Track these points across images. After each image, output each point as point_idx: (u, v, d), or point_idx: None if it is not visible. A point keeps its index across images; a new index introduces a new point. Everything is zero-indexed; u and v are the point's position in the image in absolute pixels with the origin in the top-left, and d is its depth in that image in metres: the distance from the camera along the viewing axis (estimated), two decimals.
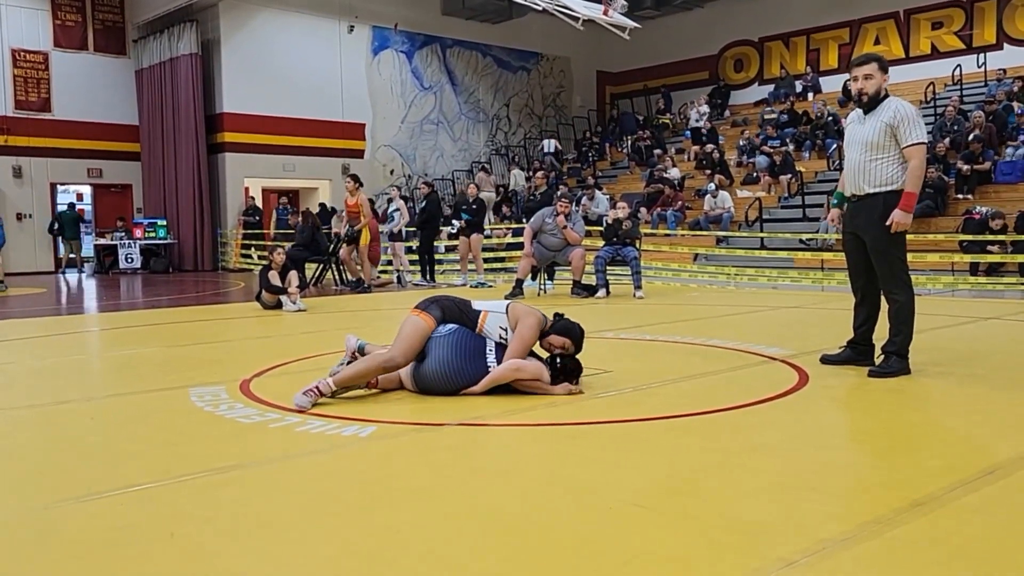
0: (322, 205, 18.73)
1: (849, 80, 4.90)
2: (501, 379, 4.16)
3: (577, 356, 4.35)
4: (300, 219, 13.92)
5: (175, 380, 4.92)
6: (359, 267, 12.24)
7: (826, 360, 5.08)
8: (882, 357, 4.81)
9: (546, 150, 22.09)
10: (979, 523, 2.46)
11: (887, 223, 4.62)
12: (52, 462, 3.28)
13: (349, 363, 4.39)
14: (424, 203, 13.49)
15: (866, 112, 4.75)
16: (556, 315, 4.44)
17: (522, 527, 2.47)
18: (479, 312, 4.34)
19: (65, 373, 5.59)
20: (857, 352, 4.99)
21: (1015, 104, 15.54)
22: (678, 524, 2.47)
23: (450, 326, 4.27)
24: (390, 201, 15.04)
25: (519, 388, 4.21)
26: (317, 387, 4.03)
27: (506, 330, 4.29)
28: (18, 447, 3.55)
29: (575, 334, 4.33)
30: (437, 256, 14.39)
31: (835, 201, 5.13)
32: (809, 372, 4.83)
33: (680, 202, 16.04)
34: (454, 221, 13.03)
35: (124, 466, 3.17)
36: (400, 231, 13.53)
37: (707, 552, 2.25)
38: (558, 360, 4.26)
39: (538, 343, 4.35)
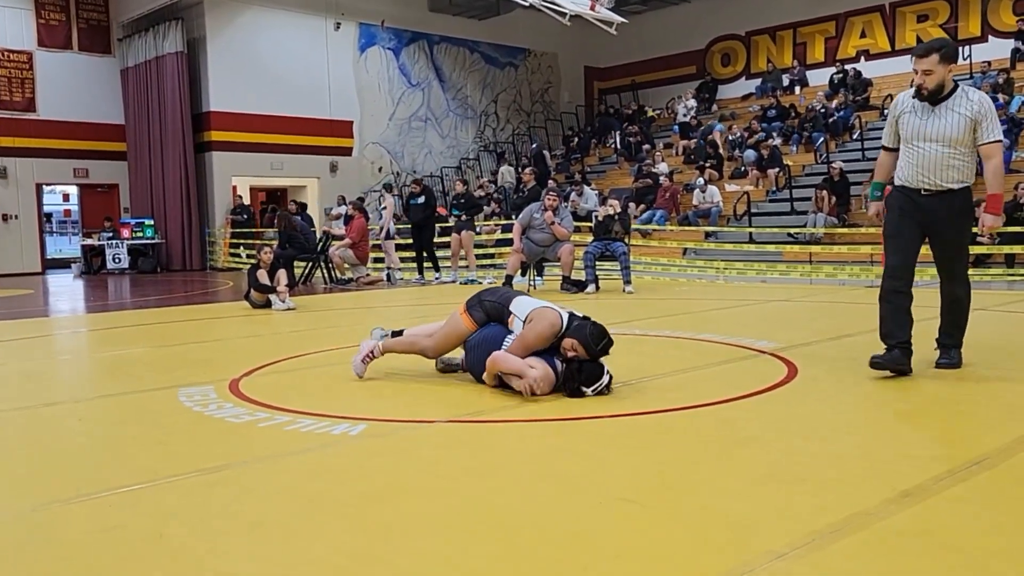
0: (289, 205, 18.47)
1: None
2: (489, 369, 4.26)
3: (601, 361, 4.16)
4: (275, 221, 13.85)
5: (164, 380, 4.90)
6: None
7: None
8: (941, 349, 4.80)
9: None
10: (967, 513, 2.47)
11: (977, 223, 4.63)
12: (40, 463, 3.26)
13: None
14: (421, 201, 13.44)
15: (933, 104, 4.48)
16: (583, 317, 4.29)
17: (512, 523, 2.47)
18: (511, 314, 4.38)
19: (53, 374, 5.56)
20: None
21: (1000, 96, 15.61)
22: (667, 518, 2.48)
23: (488, 326, 4.42)
24: (381, 199, 15.00)
25: (508, 383, 4.23)
26: (371, 352, 4.51)
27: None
28: (6, 449, 3.53)
29: (582, 334, 4.11)
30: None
31: (878, 194, 4.92)
32: (798, 365, 4.85)
33: (669, 193, 16.00)
34: (455, 211, 13.05)
35: (113, 467, 3.16)
36: (388, 229, 13.47)
37: (696, 546, 2.26)
38: (575, 363, 4.11)
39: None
